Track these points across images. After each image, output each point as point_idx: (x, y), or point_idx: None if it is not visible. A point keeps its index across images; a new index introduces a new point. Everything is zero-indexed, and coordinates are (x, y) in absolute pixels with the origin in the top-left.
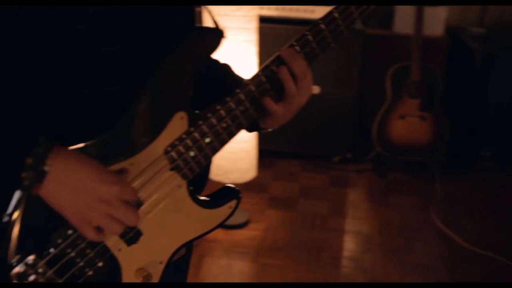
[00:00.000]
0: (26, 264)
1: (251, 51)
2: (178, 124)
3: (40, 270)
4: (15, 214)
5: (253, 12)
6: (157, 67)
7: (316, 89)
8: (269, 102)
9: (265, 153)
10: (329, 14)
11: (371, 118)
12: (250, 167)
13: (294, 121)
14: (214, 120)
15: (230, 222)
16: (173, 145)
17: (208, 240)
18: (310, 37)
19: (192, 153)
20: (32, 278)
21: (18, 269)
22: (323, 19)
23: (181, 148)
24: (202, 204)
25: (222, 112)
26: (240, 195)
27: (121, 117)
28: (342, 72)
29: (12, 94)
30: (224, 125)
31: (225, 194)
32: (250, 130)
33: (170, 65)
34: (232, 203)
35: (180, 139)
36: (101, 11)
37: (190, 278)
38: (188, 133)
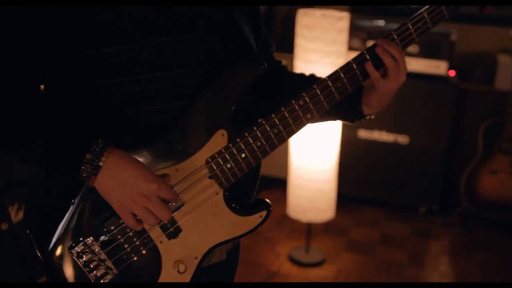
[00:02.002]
0: (85, 244)
1: None
2: (219, 140)
3: (95, 251)
4: (79, 203)
5: (340, 59)
6: (205, 90)
7: (404, 139)
8: (370, 68)
9: (349, 199)
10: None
11: (460, 171)
12: (328, 208)
13: (381, 169)
14: (250, 139)
15: (305, 260)
16: (213, 157)
17: (282, 275)
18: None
19: (228, 165)
20: (88, 256)
21: (78, 248)
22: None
23: (219, 160)
24: (236, 211)
25: (258, 133)
26: (271, 208)
27: (171, 129)
28: (432, 124)
29: (81, 107)
30: (258, 144)
31: (258, 205)
32: (352, 120)
33: (216, 90)
34: (263, 213)
35: (219, 153)
36: (155, 43)
37: None
38: (226, 148)
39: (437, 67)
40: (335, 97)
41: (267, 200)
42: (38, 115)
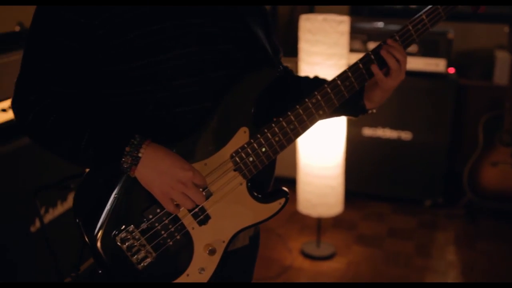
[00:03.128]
0: (127, 231)
1: None
2: (241, 136)
3: (136, 237)
4: (121, 196)
5: (343, 61)
6: (228, 93)
7: (407, 135)
8: (375, 69)
9: (357, 194)
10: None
11: (463, 164)
12: (336, 203)
13: (386, 165)
14: (269, 135)
15: (316, 253)
16: (236, 152)
17: (294, 268)
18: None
19: (251, 159)
20: (130, 242)
21: (121, 234)
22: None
23: (242, 154)
24: (258, 199)
25: (276, 129)
26: (288, 195)
27: (199, 128)
28: (434, 119)
29: (118, 111)
30: (277, 138)
31: (277, 193)
32: (356, 115)
33: (238, 92)
34: (282, 200)
35: (242, 148)
36: (180, 54)
37: None
38: (248, 143)
39: (436, 65)
40: (344, 94)
41: (285, 189)
42: (84, 119)
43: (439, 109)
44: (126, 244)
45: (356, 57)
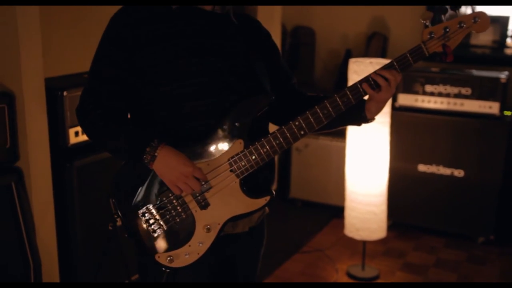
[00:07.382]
0: (147, 208)
1: (384, 131)
2: (237, 146)
3: (153, 213)
4: (145, 184)
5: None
6: (230, 112)
7: (460, 173)
8: (366, 87)
9: (412, 227)
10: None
11: None
12: (378, 228)
13: (441, 201)
14: (259, 146)
15: (360, 275)
16: (232, 157)
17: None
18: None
19: (243, 163)
20: (148, 216)
21: (142, 210)
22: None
23: (237, 159)
24: (248, 194)
25: (265, 143)
26: (274, 195)
27: (207, 137)
28: (486, 158)
29: (146, 122)
30: (264, 150)
31: (264, 191)
32: (358, 124)
33: (237, 113)
34: (267, 197)
35: (237, 154)
36: (196, 82)
37: None
38: (242, 151)
39: (490, 107)
40: (322, 120)
41: (273, 190)
42: (122, 125)
43: (491, 149)
44: (145, 217)
45: (407, 98)
